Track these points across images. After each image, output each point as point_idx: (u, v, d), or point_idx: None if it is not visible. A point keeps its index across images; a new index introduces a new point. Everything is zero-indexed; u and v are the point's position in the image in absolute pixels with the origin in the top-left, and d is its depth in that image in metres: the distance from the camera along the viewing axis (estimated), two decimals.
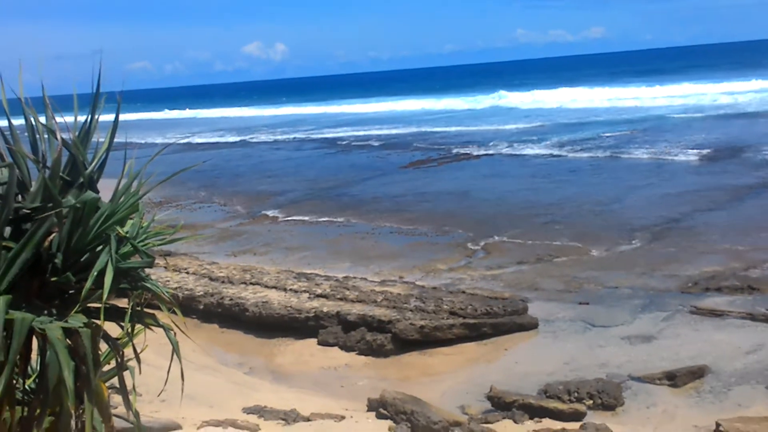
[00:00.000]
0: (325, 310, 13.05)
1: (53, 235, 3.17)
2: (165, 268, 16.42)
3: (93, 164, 3.38)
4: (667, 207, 20.79)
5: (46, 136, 3.33)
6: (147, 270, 3.54)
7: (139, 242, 3.38)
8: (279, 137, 51.93)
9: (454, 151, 36.87)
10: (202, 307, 14.04)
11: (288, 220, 22.98)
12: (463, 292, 14.12)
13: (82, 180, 3.27)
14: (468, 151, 36.02)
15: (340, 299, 13.63)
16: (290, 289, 14.21)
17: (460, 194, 25.25)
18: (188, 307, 13.67)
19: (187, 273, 15.99)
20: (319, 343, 12.66)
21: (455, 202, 24.09)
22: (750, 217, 19.10)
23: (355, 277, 15.26)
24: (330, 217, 23.07)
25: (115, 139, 3.48)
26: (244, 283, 14.84)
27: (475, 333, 12.51)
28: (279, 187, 29.27)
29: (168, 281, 15.02)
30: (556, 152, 33.58)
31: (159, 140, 55.09)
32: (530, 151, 34.69)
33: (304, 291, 14.13)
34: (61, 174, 3.23)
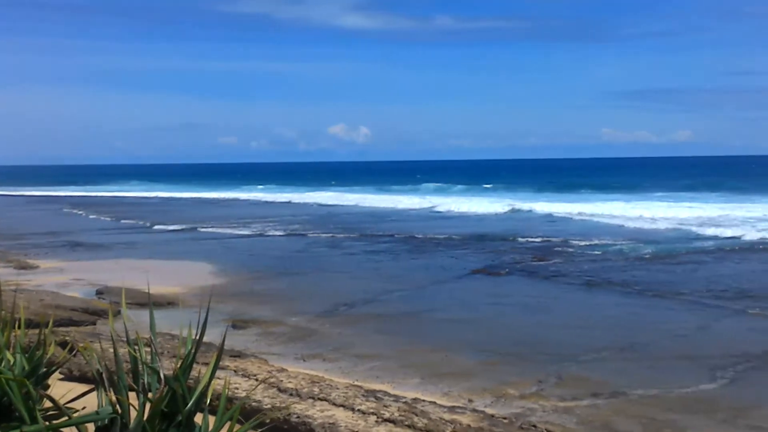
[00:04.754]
0: None
1: None
2: (234, 372, 16.49)
3: (192, 400, 3.43)
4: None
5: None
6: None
7: None
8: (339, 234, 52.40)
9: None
10: (268, 421, 13.91)
11: (359, 325, 22.84)
12: (535, 426, 13.62)
13: (180, 418, 3.32)
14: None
15: (408, 426, 13.33)
16: (358, 410, 14.00)
17: (532, 309, 24.86)
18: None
19: (256, 380, 15.96)
20: None
21: (528, 317, 23.68)
22: None
23: (424, 400, 14.97)
24: (399, 324, 22.93)
25: None
26: (312, 397, 14.71)
27: None
28: (349, 286, 29.38)
29: (237, 389, 14.98)
30: None
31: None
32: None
33: (372, 413, 13.89)
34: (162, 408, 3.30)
